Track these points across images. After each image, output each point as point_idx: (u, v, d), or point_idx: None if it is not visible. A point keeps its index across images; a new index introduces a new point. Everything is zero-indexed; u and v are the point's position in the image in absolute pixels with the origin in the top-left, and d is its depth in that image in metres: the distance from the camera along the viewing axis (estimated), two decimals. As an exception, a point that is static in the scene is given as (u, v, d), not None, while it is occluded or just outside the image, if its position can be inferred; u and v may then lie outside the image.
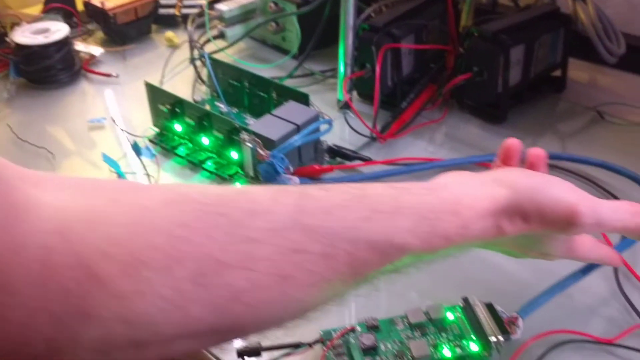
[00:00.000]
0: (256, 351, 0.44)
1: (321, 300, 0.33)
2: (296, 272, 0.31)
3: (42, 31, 0.80)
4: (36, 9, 0.92)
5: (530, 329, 0.45)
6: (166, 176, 0.65)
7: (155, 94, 0.68)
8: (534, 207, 0.37)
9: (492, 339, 0.43)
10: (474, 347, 0.43)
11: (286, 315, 0.32)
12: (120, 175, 0.57)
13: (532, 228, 0.38)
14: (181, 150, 0.67)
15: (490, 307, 0.46)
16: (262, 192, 0.33)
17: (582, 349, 0.46)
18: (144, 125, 0.71)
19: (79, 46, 0.87)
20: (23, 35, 0.80)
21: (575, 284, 0.48)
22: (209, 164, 0.65)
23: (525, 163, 0.45)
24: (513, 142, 0.45)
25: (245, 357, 0.44)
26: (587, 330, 0.46)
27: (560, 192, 0.38)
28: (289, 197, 0.33)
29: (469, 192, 0.38)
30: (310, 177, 0.61)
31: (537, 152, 0.45)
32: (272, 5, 0.84)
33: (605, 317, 0.49)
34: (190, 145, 0.67)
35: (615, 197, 0.60)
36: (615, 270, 0.52)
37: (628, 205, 0.40)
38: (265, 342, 0.44)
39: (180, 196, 0.31)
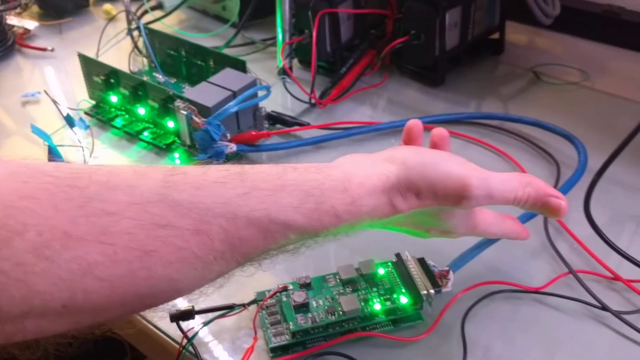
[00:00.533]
0: (189, 314, 0.44)
1: (197, 278, 0.33)
2: (161, 247, 0.30)
3: (-29, 5, 0.78)
4: (-34, -17, 0.89)
5: (462, 282, 0.46)
6: (102, 147, 0.64)
7: (89, 66, 0.67)
8: (425, 182, 0.38)
9: (423, 292, 0.44)
10: (403, 299, 0.44)
11: (155, 292, 0.31)
12: (52, 147, 0.56)
13: (426, 204, 0.38)
14: (118, 122, 0.66)
15: (422, 262, 0.47)
16: (128, 169, 0.32)
17: (511, 298, 0.47)
18: (80, 98, 0.69)
19: (12, 20, 0.84)
20: (-49, 10, 0.77)
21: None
22: (146, 134, 0.64)
23: (429, 143, 0.45)
24: (415, 123, 0.45)
25: (180, 322, 0.44)
26: (516, 280, 0.48)
27: (451, 166, 0.39)
28: (157, 173, 0.32)
29: (359, 169, 0.38)
30: (248, 143, 0.61)
31: (440, 132, 0.45)
32: (211, -26, 0.83)
33: (535, 268, 0.50)
34: (126, 116, 0.66)
35: (551, 156, 0.61)
36: (545, 224, 0.53)
37: (518, 177, 0.41)
38: (199, 306, 0.45)
39: (29, 169, 0.29)
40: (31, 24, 0.84)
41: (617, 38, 0.79)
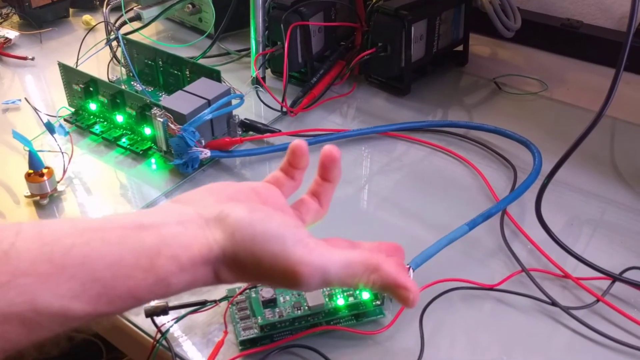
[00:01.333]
0: (163, 310, 0.46)
1: None
2: None
3: (-48, 15, 0.80)
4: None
5: (422, 279, 0.49)
6: (81, 153, 0.66)
7: (69, 74, 0.69)
8: (253, 261, 0.34)
9: (384, 288, 0.47)
10: (365, 295, 0.47)
11: None
12: (32, 152, 0.58)
13: (252, 281, 0.36)
14: (96, 129, 0.68)
15: (384, 261, 0.49)
16: None
17: (467, 295, 0.50)
18: (60, 106, 0.71)
19: (-7, 30, 0.86)
20: None
21: (464, 238, 0.53)
22: (124, 141, 0.66)
23: (319, 162, 0.42)
24: (298, 145, 0.41)
25: (154, 317, 0.47)
26: (473, 278, 0.51)
27: (283, 247, 0.34)
28: None
29: (180, 235, 0.33)
30: (221, 149, 0.63)
31: (331, 152, 0.41)
32: (188, -14, 0.86)
33: (490, 267, 0.53)
34: (105, 123, 0.69)
35: (508, 161, 0.65)
36: (502, 225, 0.57)
37: (365, 261, 0.36)
38: (172, 302, 0.47)
39: None
40: (12, 34, 0.86)
41: (575, 50, 0.83)
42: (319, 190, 0.43)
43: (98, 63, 0.79)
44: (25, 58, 0.83)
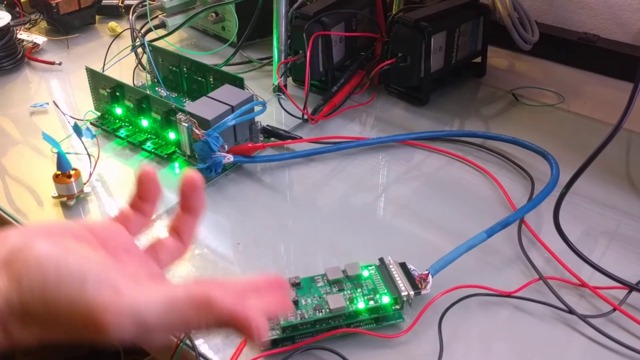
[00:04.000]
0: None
1: None
2: None
3: (-17, 20, 0.82)
4: (-22, -1, 0.94)
5: (440, 285, 0.50)
6: (106, 156, 0.68)
7: (96, 79, 0.71)
8: (45, 312, 0.27)
9: (404, 293, 0.48)
10: (385, 299, 0.48)
11: None
12: (61, 154, 0.60)
13: (58, 337, 0.28)
14: (122, 132, 0.70)
15: (403, 266, 0.51)
16: None
17: (484, 301, 0.51)
18: (86, 110, 0.73)
19: (22, 35, 0.89)
20: (-36, 24, 0.81)
21: (482, 246, 0.54)
22: (148, 145, 0.68)
23: (180, 191, 0.36)
24: (145, 171, 0.35)
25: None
26: (490, 285, 0.52)
27: (82, 290, 0.28)
28: None
29: None
30: (244, 154, 0.65)
31: (192, 178, 0.35)
32: (211, -5, 0.88)
33: (508, 275, 0.54)
34: (130, 127, 0.71)
35: (526, 171, 0.66)
36: (519, 234, 0.58)
37: (189, 296, 0.29)
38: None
39: None
40: (40, 39, 0.89)
41: (592, 64, 0.84)
42: (179, 225, 0.36)
43: (121, 69, 0.81)
44: (52, 63, 0.85)
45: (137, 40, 0.82)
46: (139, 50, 0.81)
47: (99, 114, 0.73)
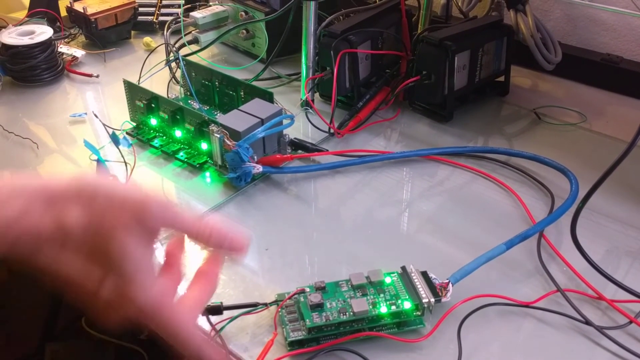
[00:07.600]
0: (218, 310, 0.50)
1: None
2: None
3: (27, 33, 0.86)
4: (22, 14, 0.98)
5: (460, 294, 0.52)
6: (141, 164, 0.71)
7: (133, 91, 0.74)
8: None
9: (425, 300, 0.50)
10: (407, 305, 0.50)
11: None
12: (100, 161, 0.63)
13: None
14: (156, 142, 0.73)
15: (424, 275, 0.52)
16: None
17: (503, 310, 0.53)
18: (122, 120, 0.77)
19: (62, 48, 0.93)
20: (10, 37, 0.85)
21: (502, 258, 0.55)
22: (181, 154, 0.71)
23: (164, 254, 0.42)
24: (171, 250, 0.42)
25: (209, 315, 0.50)
26: (509, 296, 0.53)
27: None
28: None
29: None
30: (272, 165, 0.67)
31: (173, 247, 0.41)
32: (243, 13, 0.91)
33: (527, 286, 0.55)
34: (164, 137, 0.74)
35: (547, 188, 0.67)
36: (539, 247, 0.59)
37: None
38: (227, 302, 0.51)
39: None
40: (79, 52, 0.93)
41: (614, 84, 0.86)
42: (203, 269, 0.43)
43: (153, 82, 0.84)
44: (90, 75, 0.89)
45: (172, 54, 0.85)
46: (173, 64, 0.84)
47: (134, 124, 0.76)
